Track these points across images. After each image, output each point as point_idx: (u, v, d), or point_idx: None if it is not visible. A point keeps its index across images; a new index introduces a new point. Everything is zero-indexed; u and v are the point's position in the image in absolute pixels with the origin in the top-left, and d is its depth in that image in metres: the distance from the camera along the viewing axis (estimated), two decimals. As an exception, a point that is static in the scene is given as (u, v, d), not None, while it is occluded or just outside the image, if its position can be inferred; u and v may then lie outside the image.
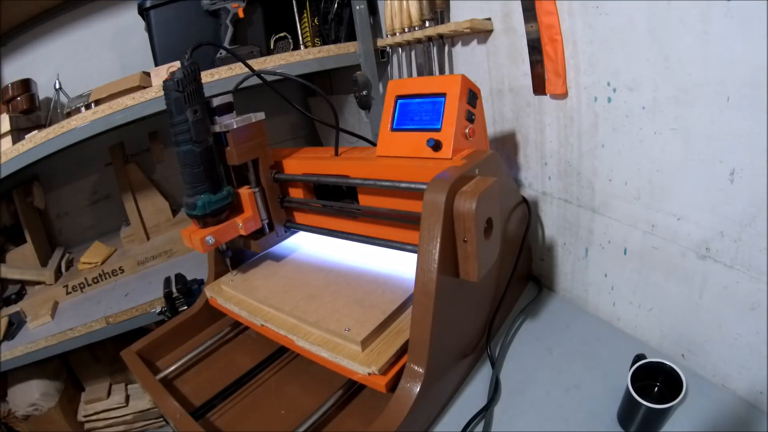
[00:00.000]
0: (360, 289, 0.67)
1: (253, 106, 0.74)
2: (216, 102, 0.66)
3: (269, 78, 0.75)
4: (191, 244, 0.67)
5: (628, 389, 0.50)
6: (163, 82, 0.61)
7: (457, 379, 0.63)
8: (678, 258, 0.58)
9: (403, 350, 0.56)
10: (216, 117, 0.67)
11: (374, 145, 0.75)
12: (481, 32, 0.80)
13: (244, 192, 0.72)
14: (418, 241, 0.51)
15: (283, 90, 0.75)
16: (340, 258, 0.79)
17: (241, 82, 0.77)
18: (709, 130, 0.50)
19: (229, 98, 0.69)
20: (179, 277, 1.00)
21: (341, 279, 0.71)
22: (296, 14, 1.21)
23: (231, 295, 0.75)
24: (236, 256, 0.80)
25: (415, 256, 0.52)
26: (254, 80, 0.76)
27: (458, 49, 0.88)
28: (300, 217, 0.80)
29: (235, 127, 0.67)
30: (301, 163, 0.75)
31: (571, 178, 0.71)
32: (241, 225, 0.70)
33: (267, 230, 0.77)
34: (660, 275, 0.61)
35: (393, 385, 0.53)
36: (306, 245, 0.85)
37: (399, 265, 0.72)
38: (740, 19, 0.43)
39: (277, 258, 0.82)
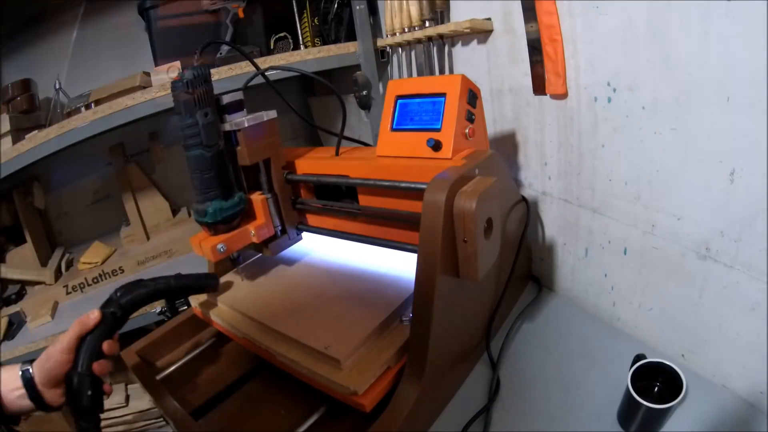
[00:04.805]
0: (343, 303, 0.65)
1: (253, 106, 0.73)
2: (226, 99, 0.64)
3: (280, 74, 0.74)
4: (201, 252, 0.65)
5: (628, 389, 0.50)
6: (172, 82, 0.59)
7: (457, 379, 0.63)
8: (678, 258, 0.58)
9: (385, 369, 0.55)
10: (226, 115, 0.64)
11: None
12: (481, 32, 0.80)
13: (257, 198, 0.70)
14: (418, 241, 0.51)
15: (283, 91, 0.75)
16: (329, 265, 0.77)
17: (251, 79, 0.75)
18: (709, 130, 0.50)
19: (239, 95, 0.66)
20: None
21: (325, 291, 0.69)
22: (296, 14, 1.21)
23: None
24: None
25: (415, 256, 0.52)
26: (255, 80, 0.76)
27: (458, 49, 0.88)
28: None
29: (246, 125, 0.64)
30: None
31: (571, 178, 0.71)
32: (253, 232, 0.68)
33: (279, 234, 0.75)
34: (660, 275, 0.61)
35: (375, 405, 0.52)
36: (296, 249, 0.82)
37: (390, 270, 0.71)
38: (740, 19, 0.43)
39: (265, 266, 0.80)
